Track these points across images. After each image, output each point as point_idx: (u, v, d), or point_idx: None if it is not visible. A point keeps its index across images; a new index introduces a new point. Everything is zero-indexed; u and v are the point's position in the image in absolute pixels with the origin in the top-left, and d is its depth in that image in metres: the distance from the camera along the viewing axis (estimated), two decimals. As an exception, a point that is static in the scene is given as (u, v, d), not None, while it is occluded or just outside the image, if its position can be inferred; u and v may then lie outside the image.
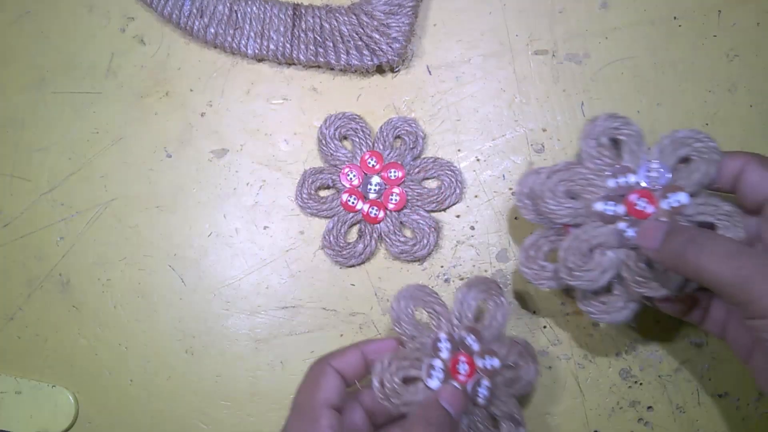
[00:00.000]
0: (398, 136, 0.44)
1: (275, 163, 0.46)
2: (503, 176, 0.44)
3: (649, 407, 0.42)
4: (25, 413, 0.45)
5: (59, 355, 0.46)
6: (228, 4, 0.45)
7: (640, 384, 0.42)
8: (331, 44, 0.44)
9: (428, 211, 0.44)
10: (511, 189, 0.44)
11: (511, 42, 0.45)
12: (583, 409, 0.42)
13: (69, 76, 0.48)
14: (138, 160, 0.47)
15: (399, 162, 0.44)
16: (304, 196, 0.44)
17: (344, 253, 0.43)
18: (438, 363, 0.36)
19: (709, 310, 0.37)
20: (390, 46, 0.44)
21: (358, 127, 0.44)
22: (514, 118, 0.45)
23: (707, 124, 0.44)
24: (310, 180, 0.44)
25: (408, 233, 0.44)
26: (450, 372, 0.36)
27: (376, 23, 0.43)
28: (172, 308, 0.45)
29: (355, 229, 0.45)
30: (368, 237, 0.43)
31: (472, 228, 0.44)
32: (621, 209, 0.35)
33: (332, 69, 0.46)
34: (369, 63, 0.44)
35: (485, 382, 0.36)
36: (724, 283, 0.29)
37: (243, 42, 0.45)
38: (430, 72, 0.46)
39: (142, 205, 0.46)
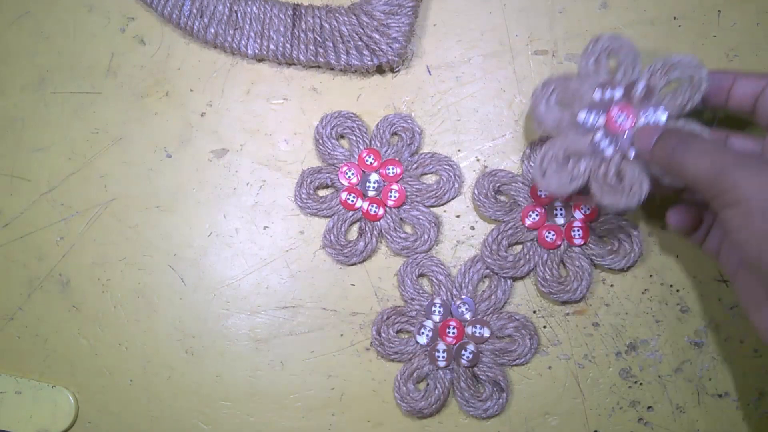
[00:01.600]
0: (395, 133, 0.45)
1: (275, 163, 0.46)
2: (503, 176, 0.44)
3: (649, 407, 0.42)
4: (25, 413, 0.45)
5: (59, 355, 0.46)
6: (228, 4, 0.45)
7: (640, 384, 0.42)
8: (331, 44, 0.44)
9: (428, 207, 0.44)
10: (511, 189, 0.44)
11: (511, 42, 0.45)
12: (583, 409, 0.42)
13: (69, 76, 0.48)
14: (138, 160, 0.47)
15: (397, 158, 0.44)
16: (303, 196, 0.44)
17: (345, 251, 0.43)
18: (429, 323, 0.42)
19: (709, 232, 0.39)
20: (390, 46, 0.44)
21: (355, 126, 0.44)
22: (514, 118, 0.45)
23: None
24: (309, 180, 0.44)
25: (408, 229, 0.44)
26: (439, 333, 0.42)
27: (376, 23, 0.44)
28: (172, 308, 0.45)
29: (355, 228, 0.45)
30: (369, 234, 0.43)
31: (472, 228, 0.44)
32: (601, 120, 0.38)
33: (332, 69, 0.46)
34: (369, 63, 0.44)
35: (470, 347, 0.41)
36: (703, 176, 0.32)
37: (243, 42, 0.45)
38: (430, 72, 0.46)
39: (142, 205, 0.46)
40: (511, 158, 0.45)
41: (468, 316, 0.42)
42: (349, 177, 0.44)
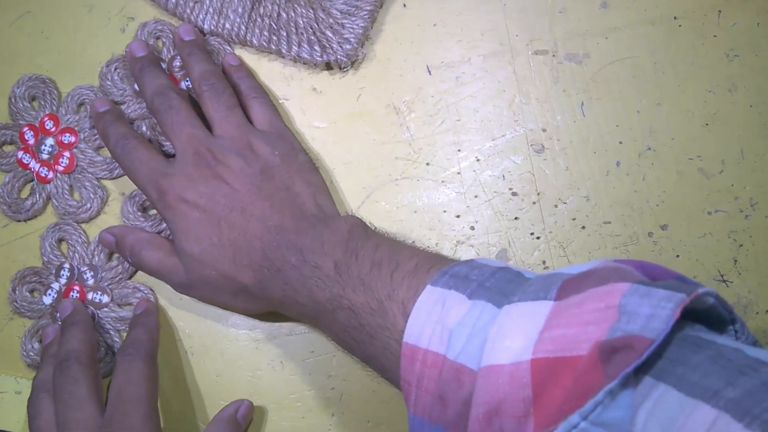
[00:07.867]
0: (82, 103, 0.47)
1: (275, 163, 0.46)
2: (503, 176, 0.44)
3: (649, 407, 0.42)
4: (25, 413, 0.45)
5: (59, 355, 0.46)
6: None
7: (640, 384, 0.42)
8: (285, 34, 0.45)
9: (98, 179, 0.46)
10: (511, 189, 0.44)
11: (511, 42, 0.45)
12: (583, 409, 0.42)
13: (69, 76, 0.48)
14: (138, 160, 0.47)
15: (75, 128, 0.46)
16: None
17: (12, 207, 0.46)
18: (56, 285, 0.45)
19: None
20: (341, 46, 0.44)
21: (47, 91, 0.47)
22: (514, 118, 0.45)
23: (707, 124, 0.44)
24: None
25: (77, 196, 0.46)
26: (63, 295, 0.45)
27: (331, 21, 0.44)
28: (172, 308, 0.45)
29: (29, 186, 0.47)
30: (37, 195, 0.46)
31: (472, 228, 0.44)
32: None
33: (282, 57, 0.46)
34: (318, 59, 0.44)
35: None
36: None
37: (201, 16, 0.46)
38: (430, 72, 0.46)
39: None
40: (511, 158, 0.45)
41: (91, 282, 0.44)
42: (28, 138, 0.46)
